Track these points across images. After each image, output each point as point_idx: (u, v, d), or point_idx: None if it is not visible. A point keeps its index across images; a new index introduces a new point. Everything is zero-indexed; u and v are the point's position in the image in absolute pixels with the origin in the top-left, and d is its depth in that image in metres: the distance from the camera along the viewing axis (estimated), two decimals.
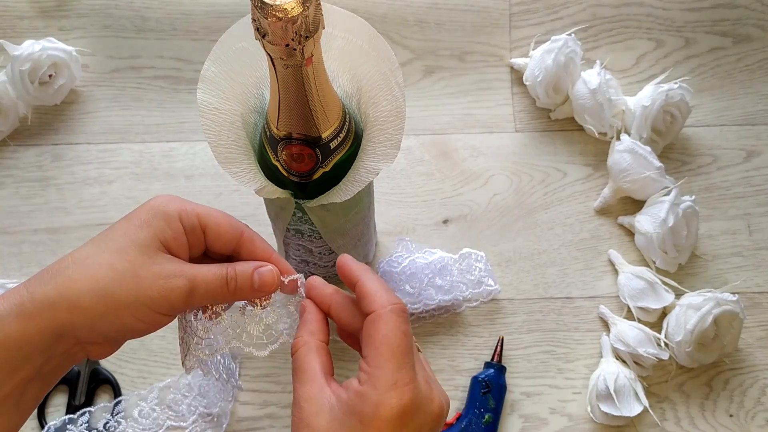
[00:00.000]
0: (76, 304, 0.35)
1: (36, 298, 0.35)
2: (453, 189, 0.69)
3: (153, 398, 0.61)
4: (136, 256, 0.36)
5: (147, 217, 0.37)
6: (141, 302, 0.36)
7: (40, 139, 0.71)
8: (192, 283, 0.37)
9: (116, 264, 0.35)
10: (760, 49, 0.74)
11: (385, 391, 0.35)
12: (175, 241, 0.38)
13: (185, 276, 0.37)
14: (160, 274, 0.36)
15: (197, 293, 0.37)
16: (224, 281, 0.38)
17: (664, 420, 0.62)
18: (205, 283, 0.38)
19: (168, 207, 0.38)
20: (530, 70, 0.70)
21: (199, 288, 0.37)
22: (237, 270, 0.39)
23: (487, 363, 0.62)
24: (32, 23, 0.74)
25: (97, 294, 0.35)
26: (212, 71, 0.47)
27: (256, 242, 0.41)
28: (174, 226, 0.38)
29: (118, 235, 0.37)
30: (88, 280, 0.35)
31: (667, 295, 0.63)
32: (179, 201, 0.39)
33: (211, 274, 0.38)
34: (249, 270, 0.39)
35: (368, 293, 0.39)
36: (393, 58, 0.47)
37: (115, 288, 0.35)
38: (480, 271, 0.65)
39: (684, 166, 0.70)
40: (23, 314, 0.34)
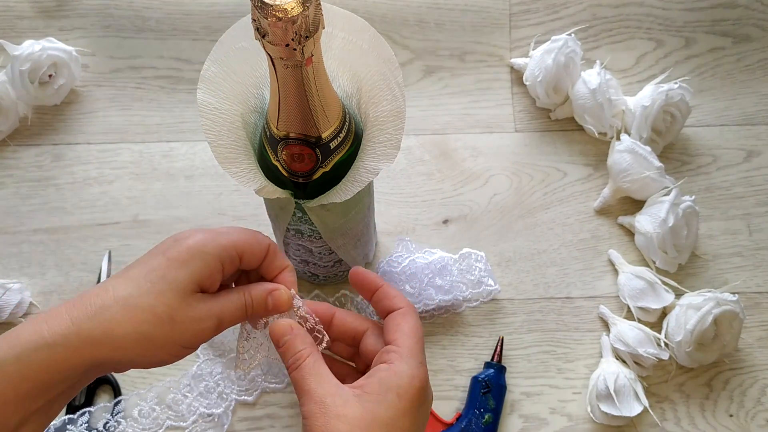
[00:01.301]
0: (119, 345, 0.38)
1: (82, 334, 0.37)
2: (453, 189, 0.69)
3: (153, 398, 0.61)
4: (173, 301, 0.39)
5: (186, 258, 0.40)
6: (176, 343, 0.39)
7: (40, 139, 0.71)
8: (219, 319, 0.40)
9: (156, 308, 0.38)
10: (760, 49, 0.74)
11: (416, 366, 0.42)
12: (210, 278, 0.41)
13: (215, 316, 0.40)
14: (194, 317, 0.39)
15: (223, 326, 0.41)
16: (244, 309, 0.42)
17: (664, 420, 0.62)
18: (230, 315, 0.41)
19: (207, 247, 0.40)
20: (530, 70, 0.70)
21: (225, 322, 0.41)
22: (253, 295, 0.42)
23: (487, 363, 0.62)
24: (32, 23, 0.74)
25: (139, 337, 0.38)
26: (212, 71, 0.47)
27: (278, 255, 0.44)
28: (212, 265, 0.40)
29: (158, 276, 0.39)
30: (131, 323, 0.38)
31: (667, 295, 0.63)
32: (215, 239, 0.41)
33: (233, 305, 0.41)
34: (263, 295, 0.43)
35: (394, 295, 0.46)
36: (393, 58, 0.47)
37: (154, 332, 0.38)
38: (480, 271, 0.65)
39: (684, 166, 0.70)
40: (69, 346, 0.37)
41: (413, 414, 0.40)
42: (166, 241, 0.42)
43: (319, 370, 0.42)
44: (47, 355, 0.37)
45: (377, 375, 0.41)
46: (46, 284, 0.66)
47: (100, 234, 0.67)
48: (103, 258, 0.66)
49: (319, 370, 0.42)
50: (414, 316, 0.45)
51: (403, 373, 0.41)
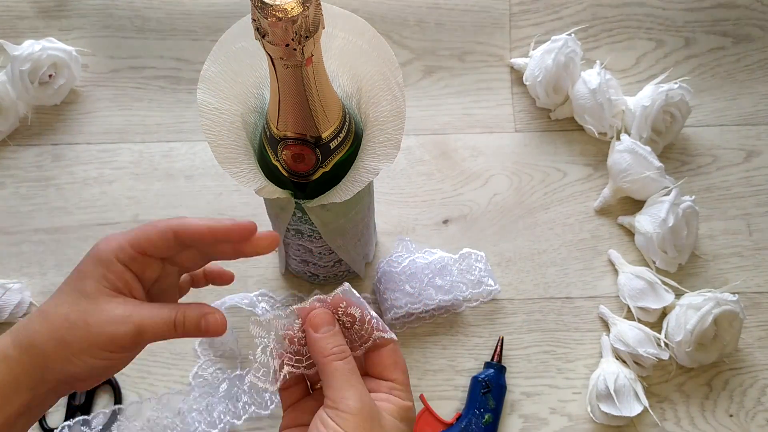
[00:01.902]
0: (42, 351, 0.40)
1: (16, 342, 0.40)
2: (453, 189, 0.69)
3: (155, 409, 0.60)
4: (85, 306, 0.40)
5: (89, 269, 0.41)
6: (93, 346, 0.40)
7: (40, 139, 0.71)
8: (138, 327, 0.40)
9: (70, 315, 0.40)
10: (760, 49, 0.74)
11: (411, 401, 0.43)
12: (120, 281, 0.41)
13: (131, 322, 0.40)
14: (107, 319, 0.40)
15: (146, 335, 0.41)
16: (172, 324, 0.41)
17: (664, 420, 0.62)
18: (153, 326, 0.41)
19: (103, 253, 0.41)
20: (530, 70, 0.70)
21: (147, 331, 0.41)
22: (186, 314, 0.42)
23: (487, 363, 0.62)
24: (32, 23, 0.74)
25: (58, 342, 0.40)
26: (212, 71, 0.47)
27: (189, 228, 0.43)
28: (114, 270, 0.41)
29: (70, 287, 0.41)
30: (48, 331, 0.40)
31: (667, 295, 0.63)
32: (114, 240, 0.42)
33: (159, 318, 0.41)
34: (196, 317, 0.42)
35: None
36: (393, 58, 0.47)
37: (69, 336, 0.40)
38: (480, 271, 0.65)
39: (684, 166, 0.70)
40: (8, 357, 0.40)
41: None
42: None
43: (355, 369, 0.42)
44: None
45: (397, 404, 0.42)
46: (46, 284, 0.66)
47: (100, 234, 0.67)
48: None
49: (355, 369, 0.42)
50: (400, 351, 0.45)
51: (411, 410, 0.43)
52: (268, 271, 0.66)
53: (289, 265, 0.63)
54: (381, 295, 0.63)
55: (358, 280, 0.66)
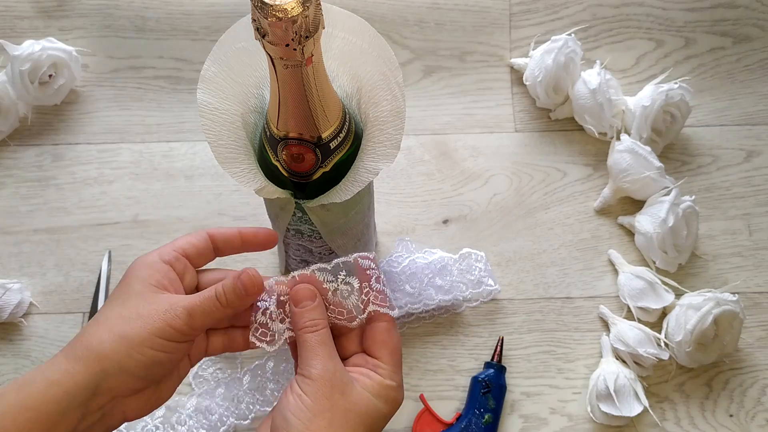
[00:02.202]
0: (100, 352, 0.40)
1: (69, 357, 0.40)
2: (453, 189, 0.69)
3: (158, 415, 0.60)
4: (136, 303, 0.42)
5: (133, 272, 0.44)
6: (152, 334, 0.41)
7: (40, 139, 0.71)
8: (188, 309, 0.42)
9: (123, 313, 0.42)
10: (760, 49, 0.74)
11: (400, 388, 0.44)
12: (165, 278, 0.44)
13: (180, 305, 0.42)
14: (159, 309, 0.42)
15: (197, 316, 0.42)
16: (214, 299, 0.43)
17: (664, 420, 0.62)
18: (201, 306, 0.43)
19: (147, 258, 0.44)
20: (530, 70, 0.70)
21: (197, 312, 0.42)
22: (225, 284, 0.43)
23: (487, 363, 0.62)
24: (32, 23, 0.74)
25: (115, 338, 0.41)
26: (212, 71, 0.47)
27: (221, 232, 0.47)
28: (158, 267, 0.44)
29: (117, 294, 0.43)
30: (105, 331, 0.41)
31: (667, 295, 0.63)
32: (156, 251, 0.45)
33: (203, 297, 0.43)
34: (232, 281, 0.43)
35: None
36: (393, 58, 0.47)
37: (127, 329, 0.41)
38: (480, 271, 0.65)
39: (684, 166, 0.70)
40: (60, 371, 0.40)
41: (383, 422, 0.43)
42: None
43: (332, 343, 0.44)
44: (43, 384, 0.39)
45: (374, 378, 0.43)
46: (46, 284, 0.66)
47: (100, 234, 0.67)
48: (103, 258, 0.66)
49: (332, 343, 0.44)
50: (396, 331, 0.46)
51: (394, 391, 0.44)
52: (268, 271, 0.66)
53: (289, 265, 0.63)
54: None
55: None
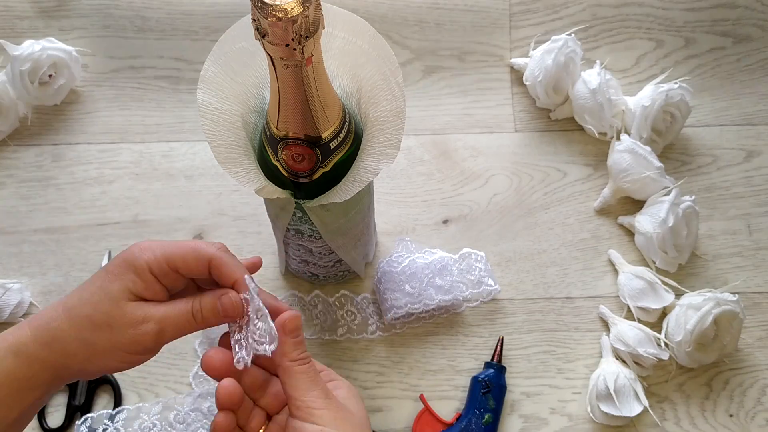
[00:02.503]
0: (68, 350, 0.41)
1: (38, 340, 0.41)
2: (453, 189, 0.69)
3: (156, 413, 0.60)
4: (109, 308, 0.41)
5: (119, 271, 0.42)
6: (117, 348, 0.41)
7: (40, 139, 0.71)
8: (160, 325, 0.42)
9: (93, 316, 0.41)
10: (760, 49, 0.74)
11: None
12: (147, 290, 0.42)
13: (153, 320, 0.41)
14: (130, 322, 0.41)
15: (167, 332, 0.42)
16: (190, 315, 0.43)
17: (664, 420, 0.62)
18: (173, 322, 0.42)
19: (138, 261, 0.42)
20: (530, 70, 0.70)
21: (168, 327, 0.42)
22: (202, 303, 0.43)
23: (487, 363, 0.62)
24: (32, 23, 0.74)
25: (81, 342, 0.41)
26: (212, 71, 0.47)
27: (223, 268, 0.43)
28: (144, 277, 0.42)
29: (96, 287, 0.42)
30: (73, 329, 0.41)
31: (667, 295, 0.63)
32: (150, 250, 0.42)
33: (177, 311, 0.42)
34: (213, 300, 0.43)
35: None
36: (393, 58, 0.47)
37: (94, 338, 0.41)
38: (480, 271, 0.65)
39: (684, 166, 0.70)
40: (28, 352, 0.41)
41: None
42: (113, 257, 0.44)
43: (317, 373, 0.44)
44: (12, 359, 0.40)
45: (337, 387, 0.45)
46: (46, 284, 0.66)
47: (100, 234, 0.67)
48: (103, 258, 0.66)
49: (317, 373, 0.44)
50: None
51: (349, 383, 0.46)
52: (268, 271, 0.66)
53: (289, 265, 0.63)
54: (381, 295, 0.63)
55: (358, 280, 0.66)
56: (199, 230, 0.67)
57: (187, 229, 0.67)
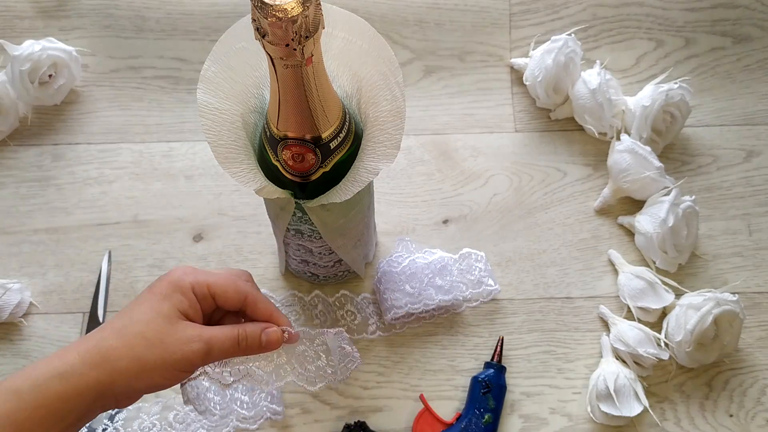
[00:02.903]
0: (116, 367, 0.42)
1: (86, 362, 0.42)
2: (453, 189, 0.69)
3: (155, 413, 0.60)
4: (161, 326, 0.43)
5: (167, 291, 0.45)
6: (168, 364, 0.43)
7: (40, 139, 0.71)
8: (208, 345, 0.44)
9: (146, 333, 0.43)
10: (760, 49, 0.74)
11: None
12: (191, 309, 0.45)
13: (202, 340, 0.44)
14: (182, 339, 0.43)
15: (213, 353, 0.44)
16: (236, 341, 0.45)
17: (664, 420, 0.62)
18: (220, 344, 0.45)
19: (183, 282, 0.45)
20: (530, 70, 0.70)
21: (215, 349, 0.44)
22: (247, 331, 0.46)
23: (487, 363, 0.62)
24: (32, 23, 0.74)
25: (133, 359, 0.42)
26: (212, 71, 0.47)
27: (258, 304, 0.47)
28: (189, 297, 0.45)
29: (146, 308, 0.44)
30: (125, 347, 0.42)
31: (667, 295, 0.63)
32: (192, 274, 0.46)
33: (225, 336, 0.45)
34: (258, 331, 0.46)
35: None
36: (393, 58, 0.47)
37: (146, 353, 0.42)
38: (480, 271, 0.65)
39: (684, 166, 0.70)
40: (75, 373, 0.41)
41: None
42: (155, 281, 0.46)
43: None
44: (59, 383, 0.41)
45: None
46: (46, 284, 0.66)
47: (100, 234, 0.67)
48: (103, 258, 0.66)
49: None
50: None
51: None
52: (268, 271, 0.66)
53: (289, 265, 0.63)
54: (381, 295, 0.63)
55: (358, 280, 0.66)
56: (199, 230, 0.67)
57: (187, 229, 0.67)
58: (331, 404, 0.62)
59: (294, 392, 0.62)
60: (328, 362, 0.51)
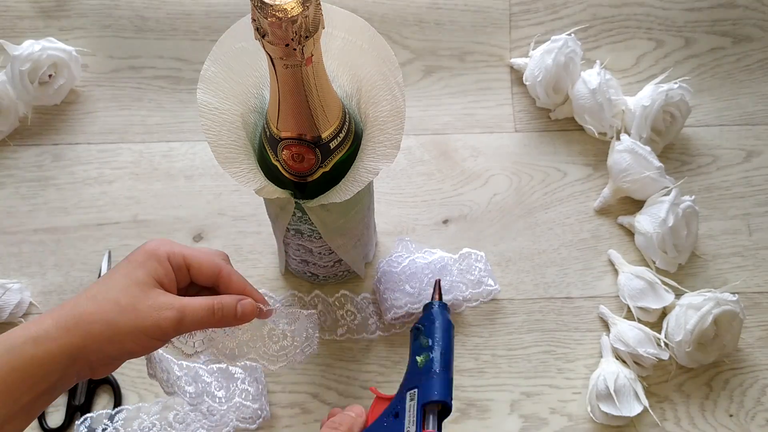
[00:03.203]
0: (88, 331, 0.42)
1: (59, 326, 0.42)
2: (453, 189, 0.69)
3: (155, 413, 0.60)
4: (135, 292, 0.44)
5: (142, 259, 0.45)
6: (139, 330, 0.43)
7: (40, 139, 0.71)
8: (181, 313, 0.44)
9: (120, 299, 0.43)
10: (760, 49, 0.75)
11: None
12: (165, 277, 0.45)
13: (175, 308, 0.44)
14: (154, 306, 0.44)
15: (185, 321, 0.44)
16: (211, 311, 0.45)
17: (664, 420, 0.62)
18: (194, 313, 0.45)
19: (159, 250, 0.46)
20: (530, 70, 0.70)
21: (188, 317, 0.44)
22: (223, 302, 0.46)
23: (424, 306, 0.53)
24: (32, 23, 0.74)
25: (105, 323, 0.43)
26: (212, 71, 0.47)
27: (233, 277, 0.48)
28: (164, 266, 0.45)
29: (121, 274, 0.45)
30: (98, 312, 0.43)
31: (667, 295, 0.63)
32: (168, 244, 0.46)
33: (199, 305, 0.45)
34: (233, 302, 0.47)
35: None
36: (393, 58, 0.47)
37: (119, 318, 0.43)
38: (480, 271, 0.65)
39: (684, 166, 0.71)
40: (48, 337, 0.42)
41: None
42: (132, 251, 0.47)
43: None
44: (32, 346, 0.41)
45: None
46: (46, 284, 0.66)
47: (100, 234, 0.67)
48: (103, 258, 0.66)
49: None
50: None
51: None
52: (268, 271, 0.66)
53: (289, 265, 0.63)
54: (381, 295, 0.63)
55: (358, 280, 0.66)
56: (199, 230, 0.67)
57: (187, 229, 0.67)
58: (331, 404, 0.62)
59: (294, 392, 0.62)
60: (293, 343, 0.52)
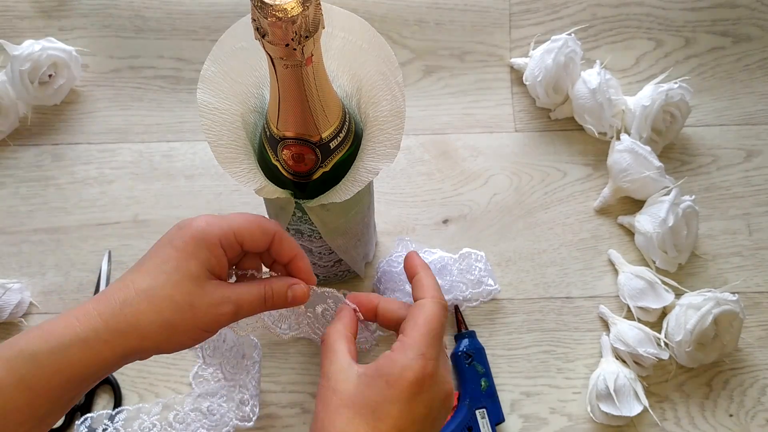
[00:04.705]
0: (145, 334, 0.41)
1: (110, 327, 0.40)
2: (453, 189, 0.69)
3: (155, 413, 0.60)
4: (190, 289, 0.42)
5: (192, 249, 0.42)
6: (197, 327, 0.42)
7: (40, 139, 0.71)
8: (237, 305, 0.43)
9: (175, 297, 0.41)
10: (760, 49, 0.74)
11: (413, 358, 0.43)
12: (218, 265, 0.44)
13: (231, 302, 0.43)
14: (211, 302, 0.42)
15: (242, 313, 0.44)
16: (263, 299, 0.45)
17: (664, 420, 0.62)
18: (248, 303, 0.44)
19: (209, 235, 0.43)
20: (530, 69, 0.70)
21: (243, 308, 0.44)
22: (273, 288, 0.45)
23: (456, 335, 0.63)
24: (32, 23, 0.74)
25: (162, 325, 0.41)
26: (212, 71, 0.47)
27: (284, 243, 0.46)
28: (216, 253, 0.43)
29: (171, 267, 0.42)
30: (154, 312, 0.41)
31: (667, 294, 0.63)
32: (217, 225, 0.43)
33: (252, 295, 0.44)
34: (284, 287, 0.46)
35: (423, 285, 0.47)
36: (393, 58, 0.47)
37: (176, 318, 0.41)
38: (480, 271, 0.65)
39: (684, 166, 0.71)
40: (100, 340, 0.40)
41: (403, 403, 0.42)
42: (171, 230, 0.44)
43: (338, 346, 0.45)
44: (81, 350, 0.39)
45: (378, 360, 0.44)
46: (46, 284, 0.66)
47: (100, 234, 0.67)
48: (103, 258, 0.66)
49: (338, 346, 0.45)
50: (432, 308, 0.45)
51: (397, 363, 0.43)
52: None
53: None
54: (381, 294, 0.63)
55: (358, 280, 0.66)
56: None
57: None
58: None
59: (294, 392, 0.62)
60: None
